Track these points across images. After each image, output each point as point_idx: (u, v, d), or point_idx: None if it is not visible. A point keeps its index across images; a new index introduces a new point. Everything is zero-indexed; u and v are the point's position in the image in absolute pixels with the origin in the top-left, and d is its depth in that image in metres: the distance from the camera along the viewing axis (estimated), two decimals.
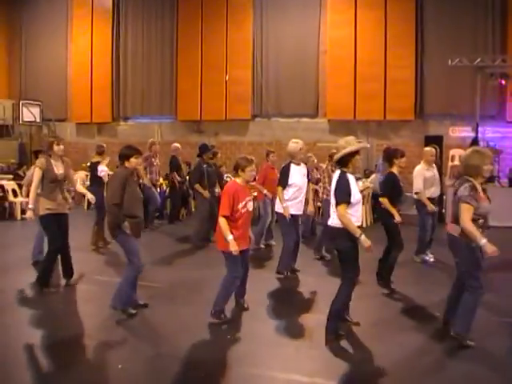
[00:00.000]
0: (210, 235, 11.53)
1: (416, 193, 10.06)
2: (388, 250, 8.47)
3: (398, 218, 8.26)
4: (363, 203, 14.12)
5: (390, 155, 8.77)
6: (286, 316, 7.25)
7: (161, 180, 15.90)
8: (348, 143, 6.30)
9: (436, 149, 10.65)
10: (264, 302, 7.90)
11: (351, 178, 6.27)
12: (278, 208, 9.15)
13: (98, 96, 21.29)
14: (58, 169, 8.39)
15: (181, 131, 19.84)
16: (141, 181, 12.20)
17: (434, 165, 10.44)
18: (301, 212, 9.26)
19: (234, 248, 6.63)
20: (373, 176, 15.57)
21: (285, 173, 9.10)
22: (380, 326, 6.96)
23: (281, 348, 6.23)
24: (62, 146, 8.54)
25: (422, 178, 10.06)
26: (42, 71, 22.37)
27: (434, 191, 10.36)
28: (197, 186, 11.81)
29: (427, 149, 10.54)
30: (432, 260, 10.32)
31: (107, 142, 20.55)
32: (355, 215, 6.25)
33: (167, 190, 15.75)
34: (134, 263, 7.12)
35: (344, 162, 6.30)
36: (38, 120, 21.40)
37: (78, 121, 21.97)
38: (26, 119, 20.90)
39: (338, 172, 6.38)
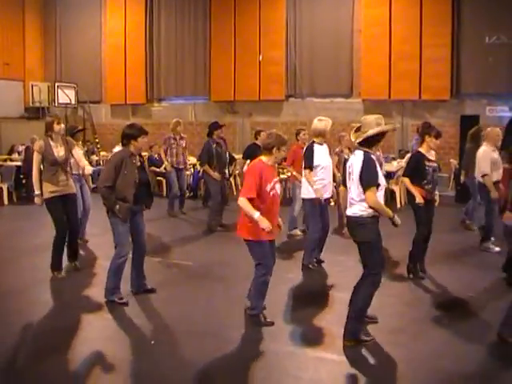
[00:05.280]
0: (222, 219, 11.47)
1: (483, 176, 9.37)
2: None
3: (418, 199, 7.75)
4: (397, 184, 14.09)
5: (423, 130, 8.29)
6: (309, 308, 7.26)
7: (194, 160, 15.88)
8: (378, 122, 5.76)
9: (481, 129, 10.31)
10: (291, 287, 7.85)
11: (375, 159, 5.76)
12: (304, 193, 8.69)
13: (132, 77, 21.37)
14: (59, 151, 8.12)
15: (214, 112, 19.82)
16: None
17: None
18: (329, 195, 8.76)
19: (265, 224, 5.89)
20: (407, 156, 15.41)
21: (310, 154, 8.49)
22: (409, 307, 6.90)
23: (308, 328, 6.28)
24: (62, 125, 8.28)
25: (489, 159, 9.34)
26: (77, 54, 22.50)
27: (499, 175, 9.50)
28: (206, 167, 11.32)
29: (491, 129, 9.81)
30: (497, 249, 9.43)
31: (141, 124, 20.69)
32: (379, 199, 5.76)
33: (201, 171, 15.69)
34: (118, 251, 6.96)
35: (371, 142, 5.75)
36: (73, 102, 21.53)
37: (112, 102, 22.10)
38: (61, 101, 21.03)
39: (360, 153, 5.73)
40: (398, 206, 13.51)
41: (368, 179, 5.61)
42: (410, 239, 8.09)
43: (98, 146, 20.89)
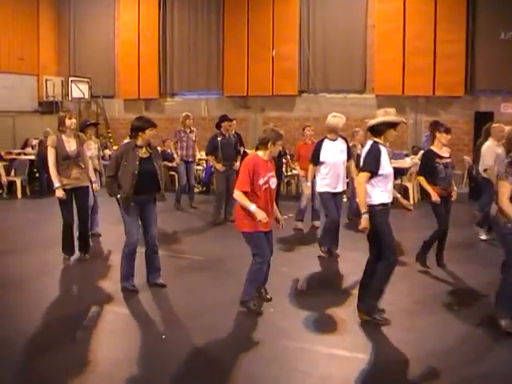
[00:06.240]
0: (228, 212, 11.50)
1: (485, 170, 9.63)
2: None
3: (434, 198, 7.80)
4: (410, 180, 14.03)
5: (433, 128, 8.33)
6: (323, 298, 7.25)
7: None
8: (387, 113, 6.04)
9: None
10: (303, 282, 7.87)
11: (383, 149, 5.96)
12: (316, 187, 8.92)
13: (145, 72, 21.39)
14: (70, 145, 8.24)
15: (227, 107, 19.78)
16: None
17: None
18: (339, 189, 8.86)
19: (261, 216, 6.07)
20: (421, 152, 15.35)
21: (317, 149, 8.77)
22: (421, 304, 6.88)
23: (319, 323, 6.28)
24: (74, 120, 8.34)
25: (494, 154, 9.54)
26: (90, 48, 22.56)
27: None
28: (209, 158, 11.43)
29: (496, 125, 10.06)
30: (484, 238, 10.02)
31: (154, 118, 20.69)
32: (386, 190, 5.98)
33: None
34: (126, 239, 7.12)
35: (377, 131, 6.00)
36: (86, 96, 21.67)
37: (125, 97, 22.15)
38: (74, 96, 21.19)
39: (369, 142, 6.05)
40: (412, 202, 13.44)
41: (365, 163, 5.91)
42: (419, 234, 8.08)
43: (111, 140, 20.99)
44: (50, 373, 5.10)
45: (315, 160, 8.74)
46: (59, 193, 8.12)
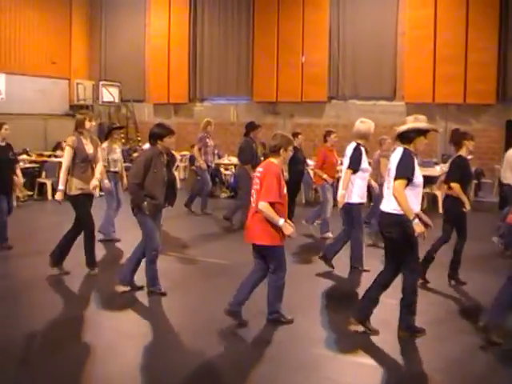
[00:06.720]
0: None
1: None
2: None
3: (468, 207, 7.63)
4: (439, 189, 13.87)
5: (459, 136, 8.06)
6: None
7: (235, 160, 15.88)
8: (417, 120, 5.87)
9: None
10: (330, 294, 7.81)
11: (414, 158, 5.76)
12: (352, 198, 8.29)
13: (175, 77, 21.51)
14: (89, 148, 8.10)
15: (256, 112, 19.82)
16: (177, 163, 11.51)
17: None
18: (365, 200, 8.63)
19: (290, 231, 5.91)
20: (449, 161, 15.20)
21: (358, 155, 8.22)
22: (446, 323, 6.74)
23: (346, 333, 6.24)
24: (93, 123, 8.23)
25: None
26: (121, 53, 22.76)
27: None
28: (248, 166, 11.11)
29: None
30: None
31: (183, 123, 21.04)
32: (416, 199, 5.80)
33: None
34: (147, 246, 7.13)
35: (407, 138, 5.80)
36: (116, 100, 21.91)
37: (155, 101, 22.29)
38: (105, 100, 21.45)
39: (400, 149, 5.82)
40: (441, 211, 13.29)
41: (401, 170, 5.65)
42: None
43: (140, 144, 21.12)
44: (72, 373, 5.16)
45: (356, 167, 8.24)
46: (60, 196, 7.94)
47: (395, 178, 5.64)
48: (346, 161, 8.40)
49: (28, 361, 5.42)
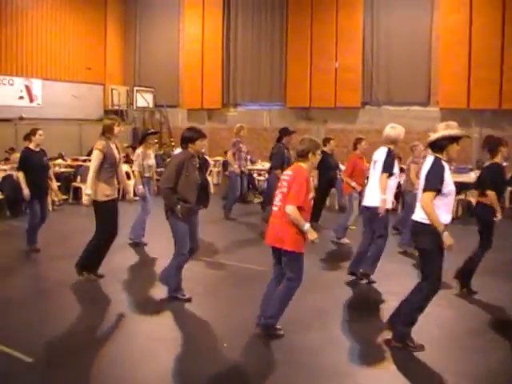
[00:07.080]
0: None
1: None
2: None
3: (499, 216, 7.42)
4: (474, 195, 13.71)
5: (496, 143, 7.75)
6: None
7: (268, 166, 15.90)
8: (449, 126, 5.69)
9: None
10: (346, 304, 7.64)
11: (446, 166, 5.59)
12: (371, 201, 8.02)
13: (208, 83, 21.66)
14: (116, 152, 8.00)
15: (289, 118, 19.84)
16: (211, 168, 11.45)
17: None
18: (390, 206, 8.25)
19: (314, 236, 5.77)
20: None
21: (392, 160, 7.94)
22: (480, 334, 6.57)
23: (367, 341, 6.15)
24: (122, 128, 8.15)
25: None
26: (155, 59, 23.00)
27: None
28: (278, 171, 10.80)
29: None
30: None
31: (217, 128, 21.15)
32: (447, 208, 5.61)
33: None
34: (178, 250, 7.09)
35: (439, 146, 5.63)
36: (150, 106, 22.19)
37: (189, 107, 22.46)
38: (139, 105, 21.72)
39: (430, 157, 5.68)
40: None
41: (429, 181, 5.52)
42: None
43: (174, 149, 21.26)
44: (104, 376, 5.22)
45: (391, 171, 7.97)
46: (87, 201, 7.80)
47: (424, 190, 5.54)
48: (379, 165, 8.09)
49: (59, 364, 5.47)
